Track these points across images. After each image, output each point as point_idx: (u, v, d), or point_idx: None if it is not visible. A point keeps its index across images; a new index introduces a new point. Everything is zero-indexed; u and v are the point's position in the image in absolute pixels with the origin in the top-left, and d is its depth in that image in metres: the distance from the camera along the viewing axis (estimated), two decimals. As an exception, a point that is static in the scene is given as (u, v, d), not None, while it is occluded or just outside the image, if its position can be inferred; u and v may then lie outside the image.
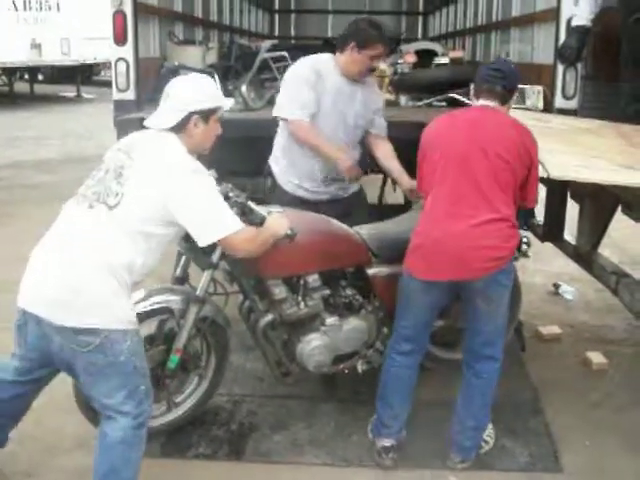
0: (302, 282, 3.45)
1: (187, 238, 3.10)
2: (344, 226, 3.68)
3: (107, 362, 2.63)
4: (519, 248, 3.40)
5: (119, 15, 4.61)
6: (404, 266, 3.24)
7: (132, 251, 2.67)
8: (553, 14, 4.55)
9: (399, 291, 3.31)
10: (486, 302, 3.13)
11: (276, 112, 3.92)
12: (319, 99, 3.80)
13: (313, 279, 3.48)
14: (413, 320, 3.25)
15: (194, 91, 2.90)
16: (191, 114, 2.83)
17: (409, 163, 3.55)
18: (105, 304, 2.62)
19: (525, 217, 3.34)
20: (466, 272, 3.06)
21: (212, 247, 3.23)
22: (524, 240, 3.68)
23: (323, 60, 3.95)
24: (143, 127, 2.93)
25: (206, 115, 2.88)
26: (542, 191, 4.51)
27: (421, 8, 12.03)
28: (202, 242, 2.82)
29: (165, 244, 2.84)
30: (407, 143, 3.63)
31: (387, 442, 3.32)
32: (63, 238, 2.70)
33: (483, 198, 3.04)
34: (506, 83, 3.22)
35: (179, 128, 2.83)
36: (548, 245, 4.98)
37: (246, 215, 3.16)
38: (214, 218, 2.78)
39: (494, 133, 3.12)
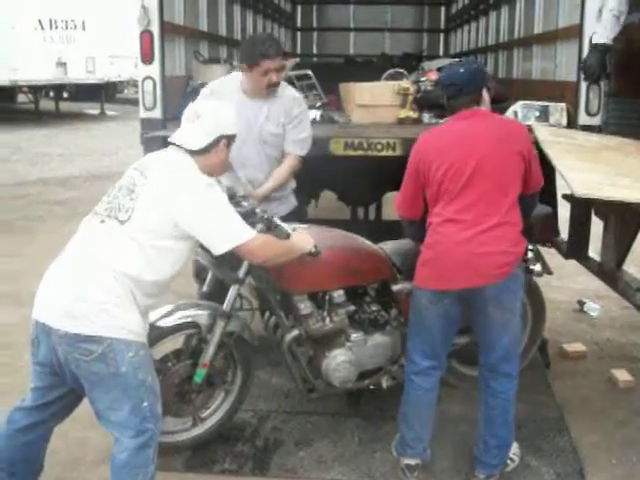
0: (327, 298, 3.48)
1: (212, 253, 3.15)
2: (369, 242, 3.72)
3: (109, 372, 2.64)
4: (525, 256, 3.40)
5: (146, 35, 4.68)
6: (415, 282, 3.24)
7: (142, 264, 2.70)
8: (576, 31, 4.55)
9: (411, 309, 3.31)
10: (499, 310, 3.11)
11: None
12: None
13: (338, 295, 3.50)
14: (428, 335, 3.23)
15: (225, 115, 2.97)
16: (221, 137, 2.90)
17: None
18: (108, 312, 2.63)
19: (529, 209, 3.32)
20: (476, 279, 3.05)
21: (238, 263, 3.28)
22: (530, 248, 3.70)
23: (227, 79, 4.01)
24: (168, 144, 2.96)
25: (230, 140, 2.96)
26: (566, 208, 4.53)
27: (442, 25, 12.06)
28: (217, 251, 2.85)
29: (179, 261, 2.84)
30: None
31: (412, 461, 3.32)
32: (75, 252, 2.75)
33: (488, 205, 3.05)
34: (468, 89, 3.19)
35: (204, 150, 2.87)
36: (572, 262, 4.96)
37: (271, 230, 3.21)
38: (227, 227, 2.81)
39: (488, 139, 3.13)
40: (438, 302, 3.14)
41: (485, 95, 3.27)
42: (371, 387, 3.70)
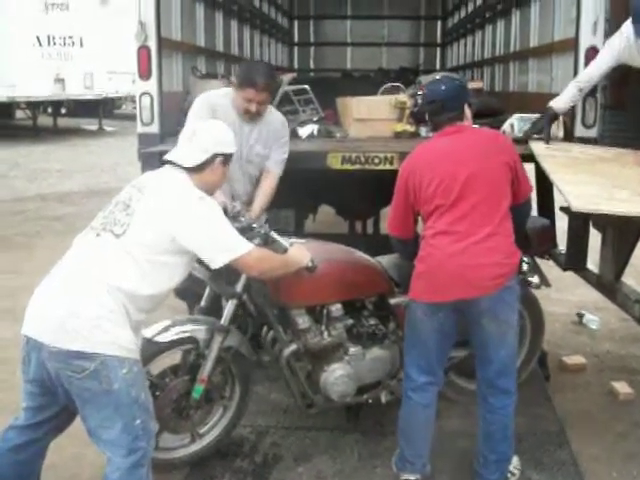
0: (325, 312, 3.47)
1: (209, 267, 3.15)
2: (366, 256, 3.72)
3: (102, 390, 2.60)
4: (520, 268, 3.40)
5: (144, 50, 4.69)
6: (409, 295, 3.24)
7: (137, 278, 2.68)
8: (572, 44, 4.57)
9: (407, 323, 3.29)
10: (494, 323, 3.09)
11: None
12: None
13: (336, 309, 3.49)
14: (424, 349, 3.21)
15: (221, 134, 2.99)
16: (216, 155, 2.92)
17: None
18: (101, 328, 2.59)
19: (523, 218, 3.34)
20: (470, 291, 3.04)
21: (236, 277, 3.27)
22: (525, 260, 3.70)
23: (220, 94, 4.04)
24: (164, 161, 2.97)
25: (226, 159, 2.98)
26: (564, 220, 4.53)
27: (439, 39, 12.12)
28: (214, 264, 2.84)
29: (176, 276, 2.84)
30: None
31: (411, 477, 3.30)
32: (68, 266, 2.74)
33: (481, 216, 3.06)
34: (451, 106, 3.21)
35: (200, 168, 2.89)
36: (571, 274, 4.96)
37: (269, 245, 3.22)
38: (224, 240, 2.81)
39: (475, 152, 3.16)
40: (433, 315, 3.13)
41: (467, 111, 3.29)
42: (370, 401, 3.68)
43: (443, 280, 3.07)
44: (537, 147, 4.10)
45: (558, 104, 4.21)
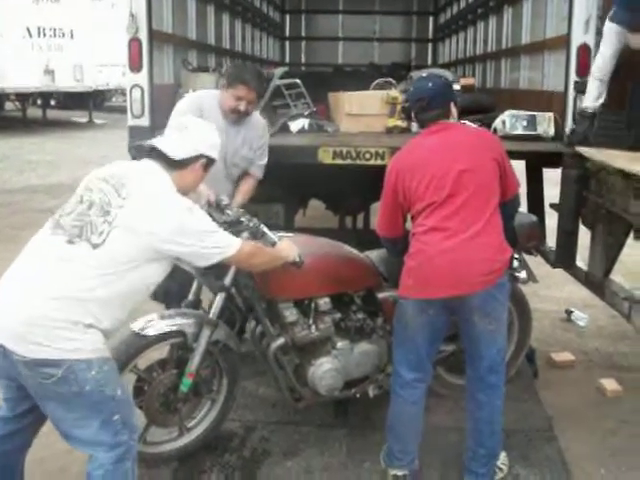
0: (313, 305, 3.47)
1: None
2: (354, 250, 3.72)
3: (73, 393, 2.52)
4: (511, 264, 3.41)
5: (135, 42, 4.67)
6: (399, 292, 3.23)
7: (112, 290, 2.57)
8: (564, 41, 4.58)
9: (396, 319, 3.29)
10: (485, 319, 3.09)
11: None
12: None
13: (324, 302, 3.50)
14: (413, 345, 3.21)
15: (212, 137, 2.94)
16: (201, 156, 2.86)
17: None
18: (65, 335, 2.49)
19: (511, 214, 3.37)
20: (461, 287, 3.04)
21: (224, 271, 3.26)
22: (515, 256, 3.70)
23: (210, 95, 4.05)
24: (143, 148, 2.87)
25: (209, 162, 2.92)
26: (553, 217, 4.55)
27: (431, 35, 12.12)
28: (207, 265, 2.83)
29: (155, 282, 2.77)
30: None
31: (399, 472, 3.30)
32: (32, 267, 2.59)
33: (471, 212, 3.06)
34: (436, 103, 3.22)
35: (183, 165, 2.80)
36: (560, 271, 4.97)
37: (257, 239, 3.22)
38: (216, 245, 2.77)
39: (464, 148, 3.17)
40: (423, 312, 3.13)
41: (453, 109, 3.29)
42: (357, 395, 3.68)
43: (434, 276, 3.06)
44: (585, 150, 4.25)
45: (590, 103, 4.29)
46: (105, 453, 2.60)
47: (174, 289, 3.64)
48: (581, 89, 4.40)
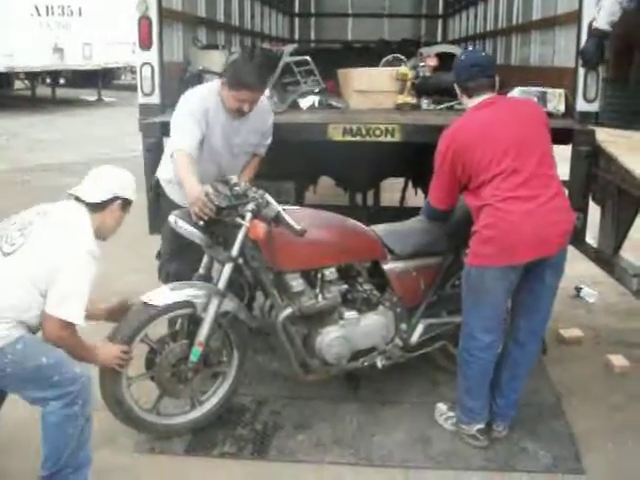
0: (320, 275, 3.53)
1: (207, 232, 3.28)
2: (359, 223, 3.77)
3: (1, 377, 2.79)
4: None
5: (144, 20, 4.66)
6: (475, 260, 3.30)
7: (17, 298, 2.81)
8: (574, 17, 4.54)
9: (469, 289, 3.37)
10: (555, 277, 3.36)
11: (167, 148, 4.00)
12: (205, 133, 3.80)
13: (330, 272, 3.56)
14: (492, 311, 3.35)
15: (124, 180, 3.14)
16: (116, 198, 3.05)
17: (430, 165, 3.55)
18: None
19: None
20: (544, 249, 3.22)
21: (232, 241, 3.31)
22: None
23: (212, 92, 3.91)
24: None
25: (125, 204, 3.11)
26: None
27: (441, 11, 12.00)
28: (47, 308, 2.84)
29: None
30: (428, 146, 3.66)
31: (482, 425, 3.47)
32: None
33: (541, 177, 3.23)
34: (490, 72, 3.40)
35: (100, 207, 3.03)
36: (569, 248, 4.95)
37: (260, 209, 3.27)
38: (72, 299, 2.84)
39: (520, 118, 3.33)
40: (505, 278, 3.26)
41: (497, 82, 3.44)
42: (365, 364, 3.73)
43: (521, 242, 3.19)
44: (600, 134, 4.22)
45: (603, 22, 4.24)
46: (54, 402, 2.82)
47: (185, 272, 3.67)
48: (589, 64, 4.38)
